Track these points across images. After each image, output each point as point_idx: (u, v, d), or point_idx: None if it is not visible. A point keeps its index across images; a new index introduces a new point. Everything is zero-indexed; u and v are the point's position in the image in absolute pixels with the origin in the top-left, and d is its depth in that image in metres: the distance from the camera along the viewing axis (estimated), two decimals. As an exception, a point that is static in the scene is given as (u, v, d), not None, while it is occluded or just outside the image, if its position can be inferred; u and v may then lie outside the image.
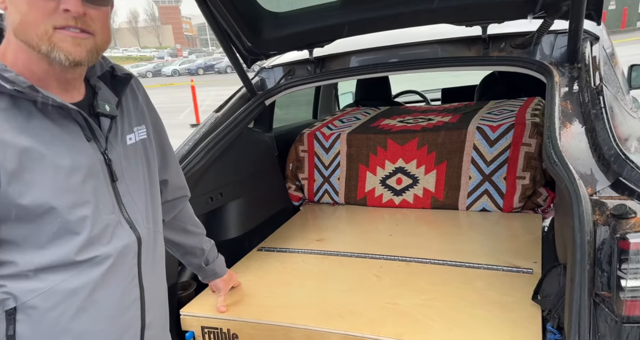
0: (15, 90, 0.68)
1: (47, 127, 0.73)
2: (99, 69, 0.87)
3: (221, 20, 1.67)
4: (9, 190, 0.69)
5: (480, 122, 1.79)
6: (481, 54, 1.54)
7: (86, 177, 0.77)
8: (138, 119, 0.93)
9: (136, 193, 0.88)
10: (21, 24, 0.69)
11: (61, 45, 0.70)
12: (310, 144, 2.16)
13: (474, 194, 1.79)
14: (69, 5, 0.68)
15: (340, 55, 1.90)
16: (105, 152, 0.81)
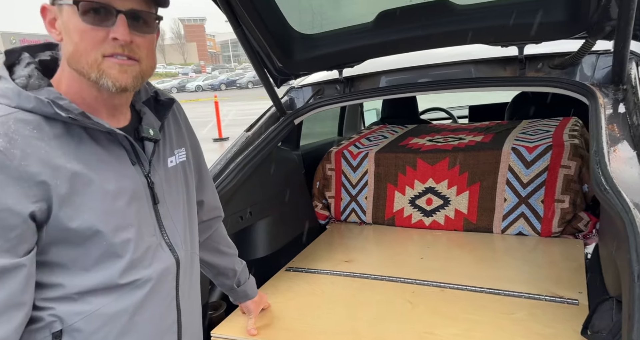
0: (69, 117, 0.71)
1: (96, 152, 0.76)
2: (144, 94, 0.90)
3: (254, 43, 1.70)
4: (60, 214, 0.71)
5: (515, 143, 1.74)
6: (517, 74, 1.51)
7: (130, 200, 0.79)
8: (178, 142, 0.95)
9: (176, 215, 0.89)
10: (74, 54, 0.73)
11: (109, 72, 0.73)
12: (338, 162, 2.15)
13: (509, 217, 1.73)
14: (117, 34, 0.72)
15: (370, 75, 1.90)
16: (148, 175, 0.83)
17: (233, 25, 1.62)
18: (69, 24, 0.73)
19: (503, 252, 1.65)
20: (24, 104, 0.71)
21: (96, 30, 0.72)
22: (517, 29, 1.37)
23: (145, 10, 0.75)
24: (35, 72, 0.76)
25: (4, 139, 0.66)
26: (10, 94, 0.71)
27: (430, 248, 1.73)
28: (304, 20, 1.76)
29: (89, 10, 0.71)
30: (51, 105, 0.70)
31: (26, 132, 0.69)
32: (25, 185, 0.67)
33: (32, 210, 0.68)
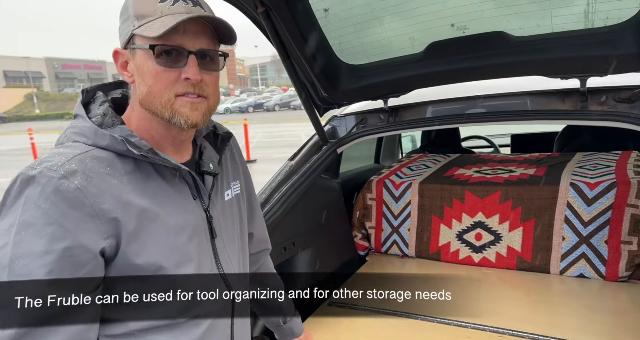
0: (140, 154, 0.74)
1: (162, 187, 0.78)
2: (205, 129, 0.92)
3: (301, 73, 1.71)
4: (127, 250, 0.73)
5: (573, 178, 1.65)
6: (578, 107, 1.44)
7: (191, 235, 0.80)
8: (234, 175, 0.97)
9: (231, 249, 0.90)
10: (147, 95, 0.76)
11: (181, 110, 0.76)
12: (379, 192, 2.10)
13: (568, 257, 1.62)
14: (189, 74, 0.74)
15: (416, 105, 1.87)
16: (207, 209, 0.84)
17: (282, 57, 1.64)
18: (142, 67, 0.75)
19: (563, 295, 1.53)
20: (99, 141, 0.74)
21: (169, 71, 0.74)
22: (580, 61, 1.31)
23: (212, 49, 0.78)
24: (109, 111, 0.79)
25: (82, 177, 0.69)
26: (87, 133, 0.75)
27: (482, 287, 1.62)
28: (351, 51, 1.76)
29: (162, 52, 0.74)
30: (124, 142, 0.73)
31: (101, 170, 0.72)
32: (99, 222, 0.69)
33: (102, 247, 0.70)
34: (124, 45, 0.78)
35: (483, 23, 1.45)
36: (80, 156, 0.71)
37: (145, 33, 0.73)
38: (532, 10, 1.35)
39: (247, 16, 1.57)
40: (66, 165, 0.69)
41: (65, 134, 0.78)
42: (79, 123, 0.77)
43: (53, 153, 0.72)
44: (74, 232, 0.67)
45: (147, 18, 0.74)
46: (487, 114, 1.64)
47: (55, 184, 0.67)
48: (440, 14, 1.49)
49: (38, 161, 0.71)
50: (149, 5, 0.74)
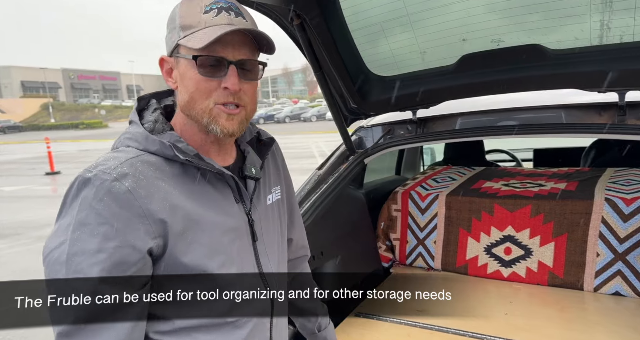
0: (186, 159, 0.77)
1: (207, 190, 0.81)
2: (248, 134, 0.94)
3: (331, 84, 1.73)
4: (174, 250, 0.75)
5: (607, 193, 1.62)
6: (615, 121, 1.43)
7: (234, 237, 0.82)
8: (275, 180, 0.98)
9: (271, 253, 0.92)
10: (189, 102, 0.79)
11: (218, 119, 0.79)
12: (404, 203, 2.08)
13: (603, 274, 1.58)
14: (228, 84, 0.77)
15: (445, 117, 1.87)
16: (249, 213, 0.87)
17: (314, 68, 1.65)
18: (185, 75, 0.78)
19: (598, 313, 1.49)
20: (150, 147, 0.78)
21: (210, 81, 0.77)
22: (619, 74, 1.30)
23: (252, 59, 0.80)
24: (160, 118, 0.83)
25: (132, 180, 0.72)
26: (139, 138, 0.79)
27: (513, 303, 1.60)
28: (382, 62, 1.77)
29: (204, 63, 0.77)
30: (172, 148, 0.77)
31: (150, 173, 0.75)
32: (147, 222, 0.72)
33: (150, 247, 0.73)
34: (169, 54, 0.81)
35: (518, 36, 1.45)
36: (132, 160, 0.74)
37: (189, 44, 0.76)
38: (569, 24, 1.35)
39: (282, 28, 1.60)
40: (118, 168, 0.72)
41: (120, 139, 0.81)
42: (133, 129, 0.81)
43: (108, 157, 0.76)
44: (124, 232, 0.70)
45: (191, 29, 0.77)
46: (518, 126, 1.63)
47: (108, 186, 0.71)
48: (474, 27, 1.50)
49: (94, 164, 0.74)
50: (194, 16, 0.77)
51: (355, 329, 1.48)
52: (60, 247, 0.70)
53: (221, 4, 0.78)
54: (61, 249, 0.70)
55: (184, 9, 0.78)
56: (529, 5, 1.38)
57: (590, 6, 1.26)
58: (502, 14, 1.42)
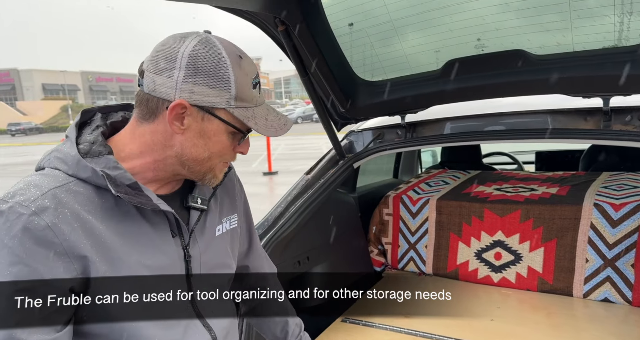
0: (117, 195, 0.72)
1: (139, 226, 0.76)
2: None
3: (319, 89, 1.74)
4: (97, 288, 0.71)
5: (597, 198, 1.59)
6: (601, 126, 1.41)
7: (164, 276, 0.78)
8: (231, 208, 0.94)
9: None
10: (203, 158, 0.78)
11: (218, 175, 0.82)
12: (396, 207, 2.08)
13: (592, 280, 1.56)
14: (243, 149, 0.82)
15: (433, 121, 1.86)
16: (186, 247, 0.82)
17: (300, 73, 1.67)
18: (210, 133, 0.76)
19: (587, 320, 1.47)
20: (80, 173, 0.71)
21: (232, 145, 0.80)
22: (604, 80, 1.29)
23: None
24: (99, 138, 0.76)
25: (54, 214, 0.67)
26: (69, 161, 0.72)
27: (501, 309, 1.59)
28: (369, 67, 1.78)
29: (244, 136, 0.80)
30: (104, 178, 0.71)
31: (76, 205, 0.69)
32: (68, 260, 0.68)
33: (72, 285, 0.69)
34: (195, 104, 0.73)
35: (502, 41, 1.45)
36: (55, 191, 0.68)
37: (250, 123, 0.76)
38: (553, 29, 1.34)
39: (267, 34, 1.62)
40: (39, 200, 0.66)
41: (48, 157, 0.74)
42: (65, 148, 0.74)
43: (28, 184, 0.69)
44: (41, 272, 0.66)
45: (244, 102, 0.76)
46: (506, 131, 1.62)
47: (25, 221, 0.65)
48: (459, 33, 1.50)
49: (11, 193, 0.68)
50: (248, 90, 0.76)
51: (339, 335, 1.49)
52: None
53: (258, 80, 0.79)
54: None
55: (239, 76, 0.74)
56: (511, 11, 1.38)
57: (570, 12, 1.24)
58: (486, 19, 1.42)
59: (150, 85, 0.73)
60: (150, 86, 0.73)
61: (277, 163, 11.18)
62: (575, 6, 1.24)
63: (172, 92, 0.72)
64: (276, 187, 8.75)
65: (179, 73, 0.72)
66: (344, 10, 1.57)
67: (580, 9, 1.24)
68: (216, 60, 0.73)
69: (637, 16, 1.20)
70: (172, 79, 0.72)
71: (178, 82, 0.72)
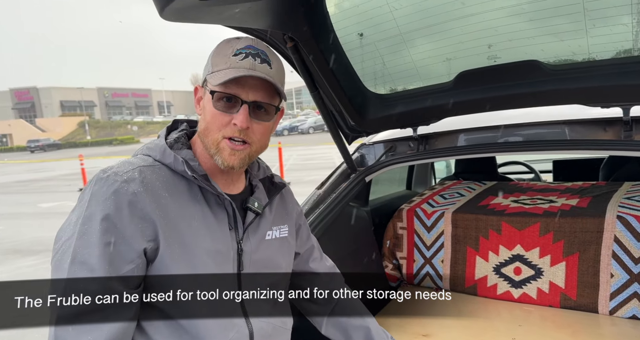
0: (192, 176, 0.85)
1: (203, 211, 0.87)
2: (262, 173, 1.01)
3: (329, 103, 1.73)
4: (164, 257, 0.81)
5: (620, 210, 1.53)
6: (621, 137, 1.36)
7: (219, 262, 0.87)
8: (282, 220, 1.03)
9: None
10: (204, 130, 0.87)
11: (222, 152, 0.86)
12: (410, 220, 2.04)
13: (619, 296, 1.49)
14: (237, 121, 0.84)
15: (447, 133, 1.83)
16: (240, 241, 0.91)
17: (310, 88, 1.67)
18: (205, 106, 0.88)
19: (614, 339, 1.40)
20: (164, 159, 0.86)
21: (223, 115, 0.85)
22: (622, 89, 1.25)
23: (267, 102, 0.87)
24: (182, 137, 0.92)
25: (140, 185, 0.80)
26: (157, 150, 0.88)
27: (523, 326, 1.53)
28: (379, 80, 1.77)
29: (220, 98, 0.85)
30: (184, 164, 0.84)
31: (157, 183, 0.82)
32: (145, 225, 0.79)
33: (145, 247, 0.80)
34: (201, 84, 0.90)
35: (515, 51, 1.42)
36: (143, 168, 0.83)
37: (211, 80, 0.85)
38: (567, 39, 1.31)
39: (275, 50, 1.63)
40: (130, 172, 0.81)
41: (141, 148, 0.90)
42: (156, 141, 0.90)
43: (124, 162, 0.85)
44: (124, 230, 0.77)
45: (218, 67, 0.86)
46: (521, 143, 1.58)
47: (118, 186, 0.79)
48: (470, 44, 1.48)
49: (111, 166, 0.83)
50: (224, 57, 0.86)
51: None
52: (68, 241, 0.78)
53: (250, 50, 0.86)
54: (69, 242, 0.77)
55: (219, 49, 0.87)
56: (524, 20, 1.35)
57: (585, 21, 1.21)
58: (498, 31, 1.40)
59: None
60: None
61: (289, 174, 11.21)
62: (590, 15, 1.21)
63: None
64: (289, 199, 8.71)
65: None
66: (353, 24, 1.56)
67: (596, 17, 1.20)
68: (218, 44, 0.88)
69: (655, 23, 1.16)
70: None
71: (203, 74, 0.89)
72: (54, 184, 14.98)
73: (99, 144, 39.90)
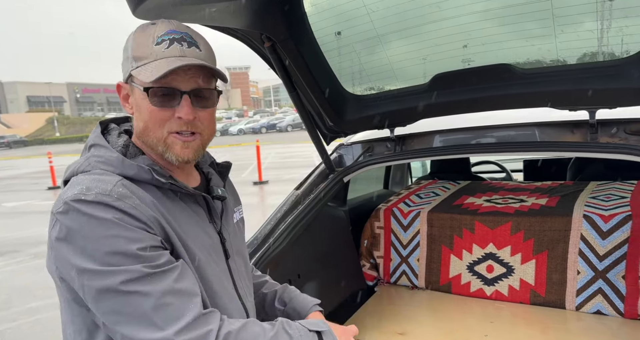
0: (169, 182, 0.79)
1: (186, 212, 0.83)
2: (208, 158, 0.98)
3: (307, 104, 1.73)
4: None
5: (587, 209, 1.60)
6: (587, 139, 1.41)
7: (215, 256, 0.86)
8: (236, 200, 1.04)
9: (241, 268, 0.95)
10: (144, 130, 0.80)
11: (173, 147, 0.80)
12: (387, 220, 2.06)
13: (584, 293, 1.55)
14: (181, 114, 0.78)
15: (422, 134, 1.86)
16: (220, 232, 0.90)
17: (288, 88, 1.66)
18: (139, 103, 0.79)
19: (581, 334, 1.45)
20: (127, 171, 0.77)
21: (163, 110, 0.78)
22: (589, 93, 1.29)
23: (207, 87, 0.81)
24: (130, 142, 0.83)
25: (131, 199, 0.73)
26: (114, 163, 0.78)
27: (494, 323, 1.57)
28: (356, 82, 1.78)
29: (156, 94, 0.77)
30: (151, 172, 0.78)
31: (140, 193, 0.76)
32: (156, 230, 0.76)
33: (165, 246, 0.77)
34: (125, 80, 0.81)
35: (488, 55, 1.45)
36: (120, 182, 0.75)
37: (140, 77, 0.77)
38: (537, 43, 1.35)
39: (254, 50, 1.61)
40: (115, 190, 0.73)
41: (88, 162, 0.79)
42: (104, 153, 0.79)
43: (91, 181, 0.74)
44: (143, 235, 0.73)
45: (143, 60, 0.77)
46: (494, 144, 1.62)
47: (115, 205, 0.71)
48: (445, 47, 1.50)
49: (85, 188, 0.72)
50: (146, 48, 0.77)
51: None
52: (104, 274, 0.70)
53: (173, 35, 0.78)
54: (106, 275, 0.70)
55: (137, 40, 0.78)
56: (496, 26, 1.38)
57: (554, 27, 1.25)
58: (471, 35, 1.43)
59: None
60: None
61: (268, 172, 11.13)
62: (559, 20, 1.25)
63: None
64: (267, 197, 8.69)
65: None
66: (330, 25, 1.56)
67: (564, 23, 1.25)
68: (129, 36, 0.80)
69: (618, 31, 1.21)
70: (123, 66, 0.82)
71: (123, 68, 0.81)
72: (20, 183, 14.35)
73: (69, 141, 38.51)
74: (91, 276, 0.69)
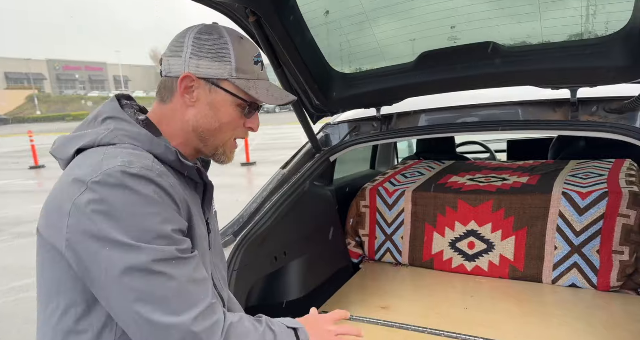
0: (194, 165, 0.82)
1: (193, 198, 0.85)
2: None
3: (293, 81, 1.71)
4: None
5: (565, 187, 1.64)
6: (569, 117, 1.44)
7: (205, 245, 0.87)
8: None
9: (220, 259, 0.97)
10: (214, 129, 0.84)
11: (228, 152, 0.88)
12: (372, 199, 2.09)
13: (561, 267, 1.61)
14: (253, 125, 0.88)
15: (408, 114, 1.86)
16: (207, 221, 0.91)
17: (274, 65, 1.64)
18: (219, 106, 0.83)
19: (555, 306, 1.52)
20: (154, 149, 0.78)
21: (240, 118, 0.85)
22: (570, 72, 1.31)
23: None
24: (149, 121, 0.84)
25: (167, 177, 0.75)
26: (143, 139, 0.78)
27: (474, 297, 1.63)
28: (343, 60, 1.76)
29: (252, 108, 0.85)
30: (176, 153, 0.80)
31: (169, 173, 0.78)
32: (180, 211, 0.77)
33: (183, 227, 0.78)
34: (201, 76, 0.81)
35: (474, 33, 1.45)
36: (155, 159, 0.77)
37: (251, 92, 0.83)
38: (522, 21, 1.35)
39: (238, 25, 1.57)
40: (154, 166, 0.74)
41: (114, 135, 0.77)
42: (129, 127, 0.78)
43: (129, 154, 0.74)
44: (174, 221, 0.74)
45: (246, 74, 0.83)
46: (478, 123, 1.64)
47: (157, 181, 0.72)
48: (432, 24, 1.49)
49: (127, 161, 0.72)
50: (248, 64, 0.84)
51: (317, 327, 1.49)
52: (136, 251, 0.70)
53: (260, 58, 0.88)
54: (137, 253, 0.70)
55: (238, 51, 0.82)
56: (482, 3, 1.37)
57: (539, 5, 1.25)
58: (457, 12, 1.41)
59: (166, 68, 0.83)
60: (166, 69, 0.83)
61: (255, 153, 11.07)
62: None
63: (181, 68, 0.81)
64: (254, 178, 8.67)
65: (187, 51, 0.81)
66: (317, 0, 1.53)
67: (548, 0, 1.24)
68: (217, 38, 0.82)
69: (601, 9, 1.21)
70: (181, 57, 0.81)
71: (186, 59, 0.81)
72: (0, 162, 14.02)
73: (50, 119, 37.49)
74: (122, 250, 0.68)
